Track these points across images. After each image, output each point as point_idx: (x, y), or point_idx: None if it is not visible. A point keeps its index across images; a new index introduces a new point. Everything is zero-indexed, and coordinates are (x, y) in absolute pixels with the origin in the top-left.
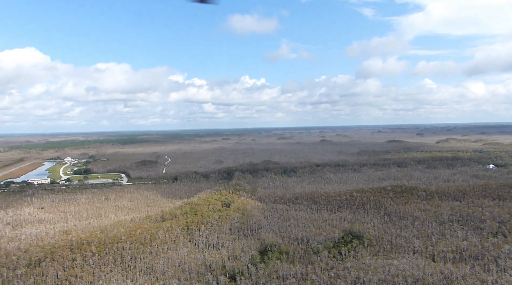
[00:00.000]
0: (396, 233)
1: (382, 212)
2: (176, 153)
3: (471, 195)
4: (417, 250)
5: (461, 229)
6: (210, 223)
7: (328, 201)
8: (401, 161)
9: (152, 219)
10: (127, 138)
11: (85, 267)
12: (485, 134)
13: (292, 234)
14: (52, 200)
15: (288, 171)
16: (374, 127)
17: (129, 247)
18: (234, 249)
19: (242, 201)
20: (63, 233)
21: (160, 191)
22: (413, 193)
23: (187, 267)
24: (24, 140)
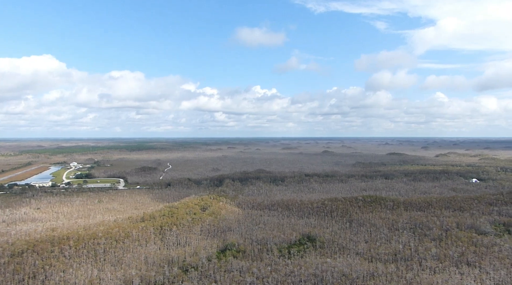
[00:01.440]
0: (349, 237)
1: (345, 219)
2: (178, 160)
3: (435, 206)
4: (360, 252)
5: (407, 235)
6: (182, 225)
7: (300, 208)
8: (390, 173)
9: (133, 220)
10: (136, 145)
11: (60, 258)
12: (489, 149)
13: (255, 236)
14: (49, 201)
15: (277, 179)
16: (384, 139)
17: (104, 242)
18: (197, 247)
19: (219, 206)
20: (50, 230)
21: (151, 196)
22: (381, 203)
23: (150, 261)
24: (36, 145)
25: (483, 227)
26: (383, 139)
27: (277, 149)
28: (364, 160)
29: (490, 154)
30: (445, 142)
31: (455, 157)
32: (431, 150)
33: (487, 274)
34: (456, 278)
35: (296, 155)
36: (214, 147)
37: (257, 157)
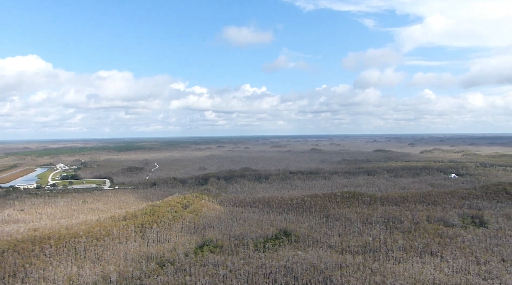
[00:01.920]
0: (324, 231)
1: (323, 215)
2: (166, 160)
3: (410, 201)
4: (332, 245)
5: (379, 229)
6: (163, 222)
7: (280, 204)
8: (373, 170)
9: (115, 219)
10: (125, 145)
11: (41, 256)
12: (474, 145)
13: (233, 232)
14: (33, 203)
15: (262, 177)
16: (373, 136)
17: (84, 241)
18: (176, 243)
19: (201, 204)
20: (32, 230)
21: (135, 195)
22: (359, 198)
23: (129, 257)
24: (22, 147)
25: (451, 220)
26: (372, 136)
27: (266, 147)
28: (350, 157)
29: (473, 150)
30: (432, 138)
31: (439, 153)
32: (418, 146)
33: (447, 262)
34: (417, 266)
35: (284, 153)
36: (203, 146)
37: (245, 155)
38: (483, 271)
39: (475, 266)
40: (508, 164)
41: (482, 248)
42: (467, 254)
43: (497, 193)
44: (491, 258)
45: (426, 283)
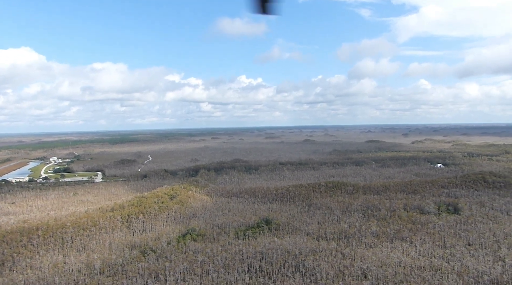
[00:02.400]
0: (304, 219)
1: (305, 204)
2: (160, 152)
3: (392, 190)
4: (310, 232)
5: (357, 216)
6: (149, 213)
7: (266, 195)
8: (362, 160)
9: (103, 210)
10: (119, 138)
11: (28, 246)
12: (466, 135)
13: (216, 221)
14: (24, 196)
15: (251, 168)
16: (368, 127)
17: (71, 231)
18: (160, 232)
19: (187, 195)
20: (21, 222)
21: (126, 187)
22: (342, 188)
23: (114, 246)
24: (16, 140)
25: (426, 207)
26: (367, 127)
27: (260, 138)
28: (342, 147)
29: (464, 140)
30: (426, 129)
31: (430, 143)
32: (411, 136)
33: (415, 247)
34: (386, 251)
35: (278, 144)
36: (198, 138)
37: (239, 146)
38: (447, 254)
39: (440, 249)
40: (494, 153)
41: (450, 234)
42: (435, 239)
43: (475, 182)
44: (458, 242)
45: (391, 266)
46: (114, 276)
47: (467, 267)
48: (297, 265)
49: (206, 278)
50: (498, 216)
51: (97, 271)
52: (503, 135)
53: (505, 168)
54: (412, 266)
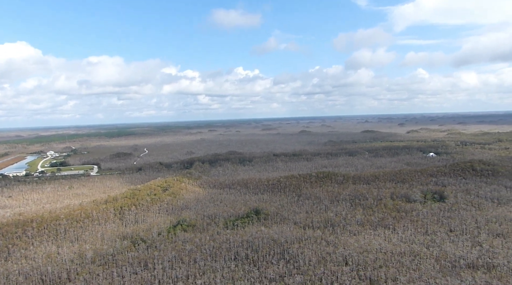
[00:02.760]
0: (292, 209)
1: (295, 194)
2: (156, 145)
3: (381, 179)
4: (297, 221)
5: (344, 205)
6: (141, 205)
7: (257, 186)
8: (355, 150)
9: (97, 202)
10: (116, 131)
11: (23, 238)
12: (463, 124)
13: (207, 212)
14: (21, 189)
15: (246, 160)
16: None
17: (65, 223)
18: (152, 224)
19: (180, 186)
20: (17, 215)
21: (121, 180)
22: (332, 178)
23: (106, 237)
24: (14, 135)
25: (412, 196)
26: (364, 117)
27: (257, 130)
28: (337, 138)
29: (460, 129)
30: (424, 118)
31: (425, 133)
32: (407, 126)
33: (397, 234)
34: (368, 238)
35: (274, 136)
36: (195, 130)
37: (235, 138)
38: (427, 241)
39: (422, 236)
40: (487, 141)
41: (433, 221)
42: (418, 226)
43: (464, 170)
44: (439, 229)
45: (372, 252)
46: (105, 265)
47: (445, 252)
48: (282, 252)
49: (194, 266)
50: (482, 203)
51: (89, 261)
52: (499, 123)
53: (496, 156)
54: (393, 252)
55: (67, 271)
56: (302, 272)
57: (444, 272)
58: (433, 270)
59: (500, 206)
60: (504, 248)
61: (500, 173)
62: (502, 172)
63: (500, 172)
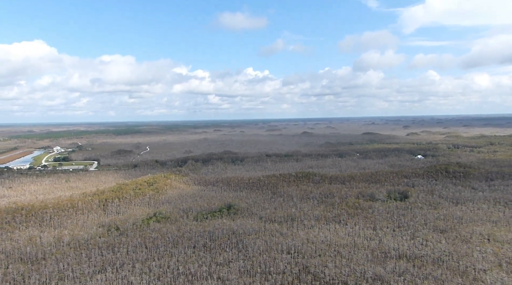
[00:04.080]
0: (262, 205)
1: (271, 192)
2: (159, 143)
3: (356, 180)
4: (263, 216)
5: (311, 203)
6: (124, 197)
7: (238, 184)
8: (345, 152)
9: (86, 195)
10: (125, 129)
11: (11, 223)
12: (468, 126)
13: (183, 206)
14: (22, 181)
15: (238, 160)
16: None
17: (51, 211)
18: (130, 215)
19: (165, 182)
20: (12, 203)
21: (115, 176)
22: (310, 177)
23: (86, 225)
24: (27, 130)
25: (377, 195)
26: (372, 119)
27: (261, 130)
28: (336, 140)
29: (462, 131)
30: (432, 120)
31: (425, 135)
32: (411, 128)
33: (346, 228)
34: (318, 231)
35: (276, 136)
36: (200, 130)
37: (237, 138)
38: (371, 234)
39: (368, 230)
40: (478, 144)
41: (385, 217)
42: (368, 222)
43: (437, 172)
44: (388, 225)
45: (315, 243)
46: (77, 248)
47: (382, 244)
48: (237, 242)
49: (155, 251)
50: (441, 203)
51: (64, 244)
52: (504, 126)
53: (479, 158)
54: (335, 244)
55: (43, 252)
56: (247, 258)
57: (373, 260)
58: (364, 259)
59: (456, 205)
60: (436, 241)
61: (472, 175)
62: (473, 174)
63: (472, 174)
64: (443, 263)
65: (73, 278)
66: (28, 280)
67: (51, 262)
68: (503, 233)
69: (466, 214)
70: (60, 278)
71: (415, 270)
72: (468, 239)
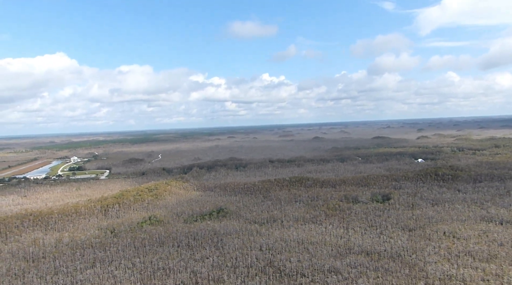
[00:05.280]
0: (251, 208)
1: (262, 196)
2: (171, 151)
3: (347, 183)
4: (248, 218)
5: (297, 206)
6: (124, 203)
7: (234, 189)
8: (347, 157)
9: (91, 201)
10: (143, 137)
11: (20, 227)
12: (484, 128)
13: (178, 210)
14: (36, 190)
15: (241, 166)
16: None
17: (56, 216)
18: (128, 218)
19: (165, 189)
20: (23, 210)
21: (123, 183)
22: (303, 182)
23: (86, 228)
24: (49, 141)
25: (360, 198)
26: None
27: (274, 136)
28: (345, 144)
29: (475, 134)
30: (451, 122)
31: (434, 138)
32: (426, 131)
33: (320, 227)
34: (293, 230)
35: (286, 142)
36: (214, 137)
37: (247, 145)
38: (342, 233)
39: (340, 229)
40: (483, 147)
41: (360, 218)
42: (343, 222)
43: (426, 175)
44: (361, 224)
45: (287, 241)
46: (73, 247)
47: (349, 242)
48: (217, 241)
49: (141, 249)
50: (419, 204)
51: (63, 245)
52: None
53: (477, 161)
54: (305, 241)
55: (44, 252)
56: (222, 255)
57: (335, 256)
58: (327, 254)
59: (433, 206)
60: (398, 239)
61: (460, 177)
62: (462, 177)
63: (460, 176)
64: (398, 257)
65: (66, 273)
66: (27, 275)
67: (49, 260)
68: (464, 231)
69: (439, 214)
70: (55, 273)
71: (370, 263)
72: (429, 236)
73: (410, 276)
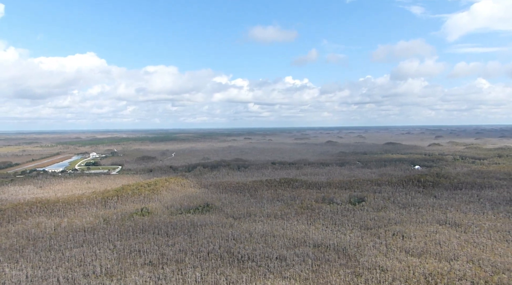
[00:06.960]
0: (234, 205)
1: (249, 195)
2: (185, 150)
3: (333, 186)
4: (229, 213)
5: (277, 204)
6: (123, 196)
7: (226, 187)
8: (347, 161)
9: (95, 193)
10: (163, 136)
11: (28, 213)
12: (504, 137)
13: (168, 203)
14: (51, 182)
15: (243, 166)
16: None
17: (60, 205)
18: (123, 209)
19: (163, 184)
20: (35, 199)
21: (130, 179)
22: (291, 183)
23: (84, 216)
24: (74, 137)
25: (335, 199)
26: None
27: (289, 139)
28: (354, 149)
29: (492, 142)
30: (475, 130)
31: (446, 146)
32: (445, 138)
33: (286, 223)
34: (261, 224)
35: (298, 145)
36: (230, 138)
37: (259, 147)
38: (304, 229)
39: (304, 226)
40: (486, 156)
41: (327, 217)
42: (309, 220)
43: (408, 182)
44: (324, 222)
45: (251, 233)
46: (68, 231)
47: (306, 236)
48: (192, 230)
49: (126, 235)
50: (388, 207)
51: (61, 228)
52: None
53: (470, 170)
54: (267, 234)
55: (43, 233)
56: (191, 241)
57: (287, 246)
58: (280, 245)
59: (400, 209)
60: (350, 236)
61: (441, 184)
62: (442, 184)
63: (441, 183)
64: (342, 250)
65: (57, 250)
66: (25, 250)
67: (46, 239)
68: (413, 231)
69: (401, 216)
70: (49, 250)
71: (315, 254)
72: (379, 235)
73: (343, 265)
